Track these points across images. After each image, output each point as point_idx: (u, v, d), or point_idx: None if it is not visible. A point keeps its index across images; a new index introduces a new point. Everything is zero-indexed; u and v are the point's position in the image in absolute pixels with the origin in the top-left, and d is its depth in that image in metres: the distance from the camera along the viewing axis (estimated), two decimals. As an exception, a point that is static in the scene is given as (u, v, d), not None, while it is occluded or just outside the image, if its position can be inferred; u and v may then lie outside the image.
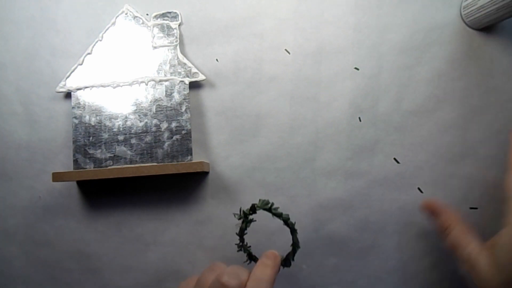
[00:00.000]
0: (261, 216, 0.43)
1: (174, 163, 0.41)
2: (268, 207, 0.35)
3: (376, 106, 0.43)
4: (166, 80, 0.43)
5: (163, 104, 0.43)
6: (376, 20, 0.43)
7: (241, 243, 0.37)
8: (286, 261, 0.36)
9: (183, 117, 0.42)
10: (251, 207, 0.35)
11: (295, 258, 0.36)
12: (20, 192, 0.45)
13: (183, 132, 0.42)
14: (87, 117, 0.43)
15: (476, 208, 0.41)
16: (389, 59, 0.43)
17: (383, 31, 0.43)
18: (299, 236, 0.36)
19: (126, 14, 0.45)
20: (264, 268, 0.33)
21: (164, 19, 0.44)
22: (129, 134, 0.43)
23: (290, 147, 0.43)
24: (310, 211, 0.42)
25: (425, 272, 0.42)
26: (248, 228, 0.36)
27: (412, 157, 0.42)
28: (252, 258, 0.38)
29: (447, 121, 0.42)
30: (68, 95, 0.45)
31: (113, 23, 0.45)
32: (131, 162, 0.42)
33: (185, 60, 0.43)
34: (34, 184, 0.45)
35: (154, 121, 0.43)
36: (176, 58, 0.43)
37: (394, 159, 0.41)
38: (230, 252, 0.43)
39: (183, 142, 0.42)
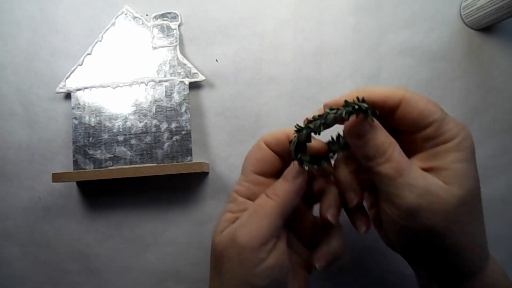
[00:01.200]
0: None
1: (174, 163, 0.41)
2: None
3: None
4: (166, 81, 0.43)
5: (163, 105, 0.43)
6: (375, 20, 0.43)
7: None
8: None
9: (183, 118, 0.42)
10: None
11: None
12: (20, 192, 0.45)
13: (183, 132, 0.42)
14: (87, 117, 0.43)
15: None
16: (388, 59, 0.43)
17: (382, 32, 0.43)
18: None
19: (125, 14, 0.45)
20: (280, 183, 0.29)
21: (163, 20, 0.44)
22: (129, 134, 0.43)
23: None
24: (310, 211, 0.42)
25: (425, 272, 0.42)
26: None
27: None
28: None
29: (447, 121, 0.42)
30: (68, 95, 0.45)
31: (113, 24, 0.45)
32: (131, 162, 0.42)
33: (184, 61, 0.43)
34: (34, 184, 0.45)
35: (154, 121, 0.43)
36: (175, 58, 0.43)
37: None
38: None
39: (183, 143, 0.42)
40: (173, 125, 0.42)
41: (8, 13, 0.47)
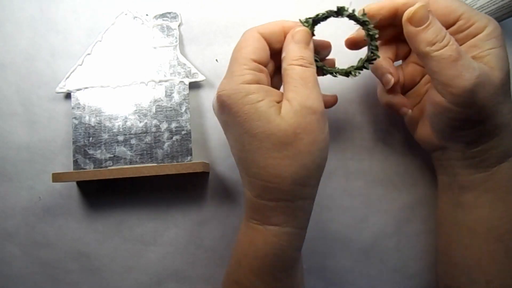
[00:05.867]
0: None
1: (174, 163, 0.41)
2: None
3: (377, 106, 0.43)
4: (165, 81, 0.43)
5: (163, 105, 0.43)
6: (375, 20, 0.43)
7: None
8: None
9: (183, 118, 0.42)
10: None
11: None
12: (20, 192, 0.45)
13: (183, 132, 0.42)
14: (87, 117, 0.43)
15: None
16: (389, 59, 0.43)
17: (382, 31, 0.43)
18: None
19: (126, 14, 0.45)
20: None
21: (164, 20, 0.44)
22: (129, 134, 0.43)
23: (290, 147, 0.43)
24: (310, 211, 0.42)
25: (425, 272, 0.42)
26: None
27: (413, 156, 0.42)
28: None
29: (447, 121, 0.42)
30: (68, 95, 0.45)
31: (113, 24, 0.45)
32: (131, 162, 0.42)
33: (184, 61, 0.43)
34: (34, 184, 0.45)
35: (154, 121, 0.43)
36: (175, 58, 0.43)
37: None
38: (229, 252, 0.43)
39: (183, 143, 0.42)
40: (173, 125, 0.42)
41: (8, 13, 0.47)
